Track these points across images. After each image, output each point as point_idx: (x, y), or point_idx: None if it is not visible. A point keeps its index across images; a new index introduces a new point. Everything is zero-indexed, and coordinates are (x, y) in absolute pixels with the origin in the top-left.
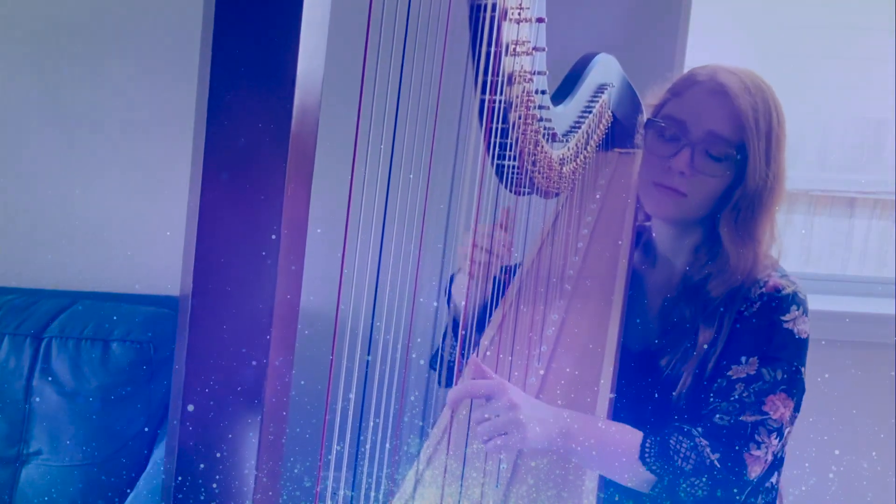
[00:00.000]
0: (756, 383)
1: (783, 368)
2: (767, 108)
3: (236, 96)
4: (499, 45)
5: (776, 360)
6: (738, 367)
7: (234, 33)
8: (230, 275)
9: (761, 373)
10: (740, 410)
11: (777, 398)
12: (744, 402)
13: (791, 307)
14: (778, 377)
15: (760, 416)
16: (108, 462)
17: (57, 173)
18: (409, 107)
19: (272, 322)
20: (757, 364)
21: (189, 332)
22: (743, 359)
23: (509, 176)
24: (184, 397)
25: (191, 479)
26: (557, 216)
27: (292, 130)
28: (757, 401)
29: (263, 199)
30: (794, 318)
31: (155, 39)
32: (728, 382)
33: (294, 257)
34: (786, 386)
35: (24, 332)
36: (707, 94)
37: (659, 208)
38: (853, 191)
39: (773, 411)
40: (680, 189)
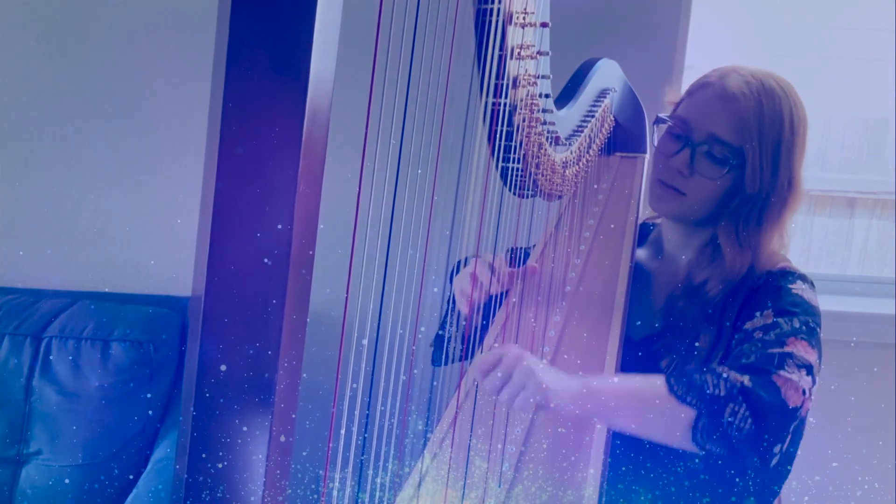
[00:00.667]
0: (775, 329)
1: (800, 319)
2: (778, 115)
3: (250, 95)
4: (504, 49)
5: (791, 313)
6: (753, 321)
7: (249, 33)
8: (243, 273)
9: (778, 322)
10: (763, 347)
11: (798, 342)
12: (766, 341)
13: (797, 280)
14: (796, 325)
15: (785, 349)
16: (108, 462)
17: (57, 173)
18: (416, 108)
19: (283, 320)
20: (772, 315)
21: (202, 331)
22: (757, 313)
23: (513, 178)
24: (195, 395)
25: (201, 476)
26: (560, 219)
27: (304, 131)
28: (778, 340)
29: (275, 197)
30: (802, 288)
31: (166, 39)
32: (745, 334)
33: (305, 257)
34: (805, 335)
35: (24, 332)
36: (714, 97)
37: (659, 205)
38: (853, 191)
39: (794, 350)
40: (679, 188)
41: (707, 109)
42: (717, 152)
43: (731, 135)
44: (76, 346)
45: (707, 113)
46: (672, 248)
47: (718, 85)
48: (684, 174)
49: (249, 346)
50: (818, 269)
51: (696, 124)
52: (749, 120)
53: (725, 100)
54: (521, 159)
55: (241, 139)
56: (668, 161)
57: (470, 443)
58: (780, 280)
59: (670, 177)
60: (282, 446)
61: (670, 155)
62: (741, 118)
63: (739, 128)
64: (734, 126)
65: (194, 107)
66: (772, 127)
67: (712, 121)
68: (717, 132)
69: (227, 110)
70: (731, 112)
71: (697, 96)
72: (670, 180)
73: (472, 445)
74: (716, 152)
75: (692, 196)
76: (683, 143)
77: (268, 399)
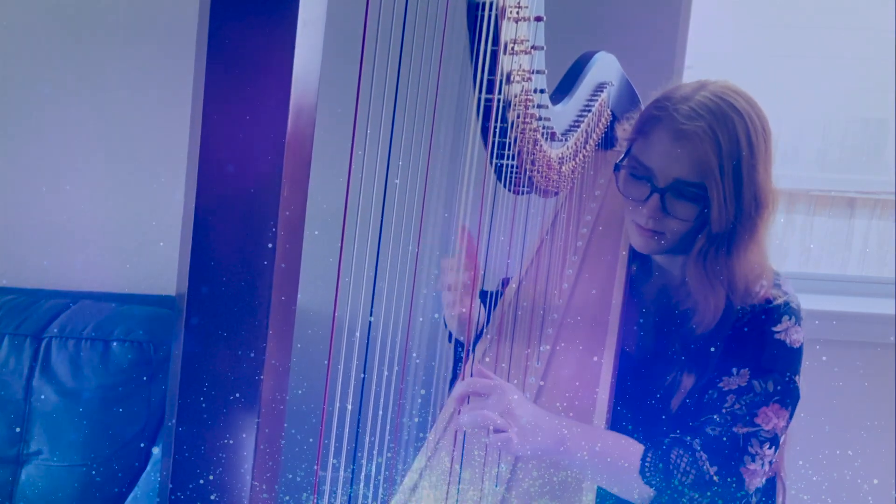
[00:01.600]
0: (747, 395)
1: (775, 379)
2: (734, 141)
3: (232, 94)
4: (497, 44)
5: (768, 371)
6: (728, 379)
7: (230, 32)
8: (226, 276)
9: (752, 385)
10: (732, 422)
11: (770, 410)
12: (735, 414)
13: (782, 318)
14: (770, 389)
15: (753, 427)
16: (108, 462)
17: (57, 173)
18: (407, 106)
19: (269, 324)
20: (748, 376)
21: (185, 334)
22: (734, 370)
23: (508, 175)
24: (180, 399)
25: (188, 480)
26: (556, 215)
27: (288, 130)
28: (749, 412)
29: (260, 199)
30: (786, 328)
31: (152, 39)
32: (719, 394)
33: (291, 258)
34: (779, 397)
35: (24, 332)
36: (669, 140)
37: (643, 247)
38: (853, 191)
39: (766, 423)
40: (657, 230)
41: (665, 154)
42: (686, 193)
43: (695, 175)
44: (76, 346)
45: (666, 158)
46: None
47: (672, 125)
48: (658, 217)
49: (236, 350)
50: (818, 269)
51: (658, 170)
52: (708, 159)
53: (683, 140)
54: (516, 156)
55: (224, 137)
56: (639, 207)
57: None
58: (763, 323)
59: (645, 221)
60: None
61: (640, 200)
62: (699, 156)
63: (700, 166)
64: (696, 166)
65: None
66: (730, 155)
67: (673, 165)
68: (682, 175)
69: (208, 111)
70: (689, 151)
71: (653, 139)
72: (646, 224)
73: (468, 446)
74: (684, 193)
75: (670, 233)
76: (650, 187)
77: (255, 403)
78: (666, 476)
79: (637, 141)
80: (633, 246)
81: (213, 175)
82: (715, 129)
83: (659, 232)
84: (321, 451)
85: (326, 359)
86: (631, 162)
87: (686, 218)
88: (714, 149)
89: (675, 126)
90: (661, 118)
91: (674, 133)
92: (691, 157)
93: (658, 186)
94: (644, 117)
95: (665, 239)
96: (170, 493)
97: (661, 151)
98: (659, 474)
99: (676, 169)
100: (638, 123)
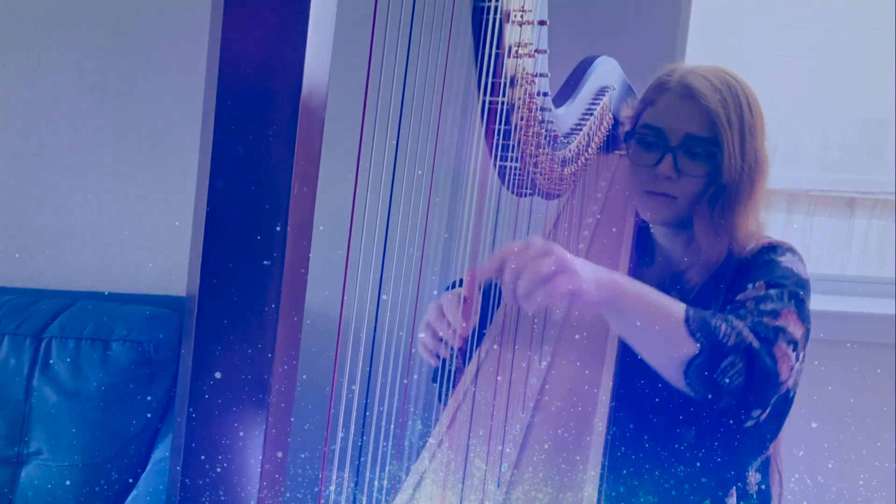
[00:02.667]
0: (766, 301)
1: (790, 292)
2: (737, 102)
3: (243, 95)
4: (501, 48)
5: (781, 284)
6: (745, 293)
7: (242, 32)
8: (237, 274)
9: (770, 294)
10: (758, 315)
11: (790, 315)
12: (760, 311)
13: (787, 253)
14: (786, 298)
15: (778, 322)
16: (108, 462)
17: (57, 173)
18: (412, 108)
19: (278, 321)
20: (764, 287)
21: (195, 332)
22: (749, 286)
23: (511, 177)
24: (190, 396)
25: (197, 478)
26: (558, 217)
27: (299, 130)
28: (771, 312)
29: (270, 198)
30: (792, 260)
31: (158, 38)
32: (738, 304)
33: (300, 256)
34: (796, 309)
35: (24, 332)
36: (678, 99)
37: (655, 214)
38: (853, 191)
39: (787, 325)
40: (670, 193)
41: (676, 112)
42: (698, 149)
43: (705, 129)
44: (76, 346)
45: (677, 115)
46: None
47: (679, 86)
48: (672, 178)
49: (245, 348)
50: (818, 269)
51: (669, 129)
52: (717, 110)
53: (692, 98)
54: (519, 158)
55: (235, 139)
56: (652, 171)
57: (469, 444)
58: (769, 253)
59: (658, 185)
60: (279, 448)
61: (652, 164)
62: (710, 111)
63: (711, 120)
64: (706, 120)
65: (195, 107)
66: (736, 112)
67: (685, 121)
68: (693, 130)
69: (220, 110)
70: (700, 108)
71: (661, 102)
72: (659, 188)
73: (470, 446)
74: (697, 149)
75: (683, 197)
76: (661, 150)
77: (264, 400)
78: (708, 331)
79: (645, 111)
80: (646, 217)
81: (225, 175)
82: (720, 89)
83: (671, 196)
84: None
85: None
86: (642, 129)
87: (699, 175)
88: (722, 103)
89: (682, 90)
90: (668, 85)
91: (682, 92)
92: (702, 113)
93: (670, 146)
94: (650, 89)
95: (677, 204)
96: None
97: (672, 110)
98: (702, 329)
99: (688, 124)
100: (645, 95)
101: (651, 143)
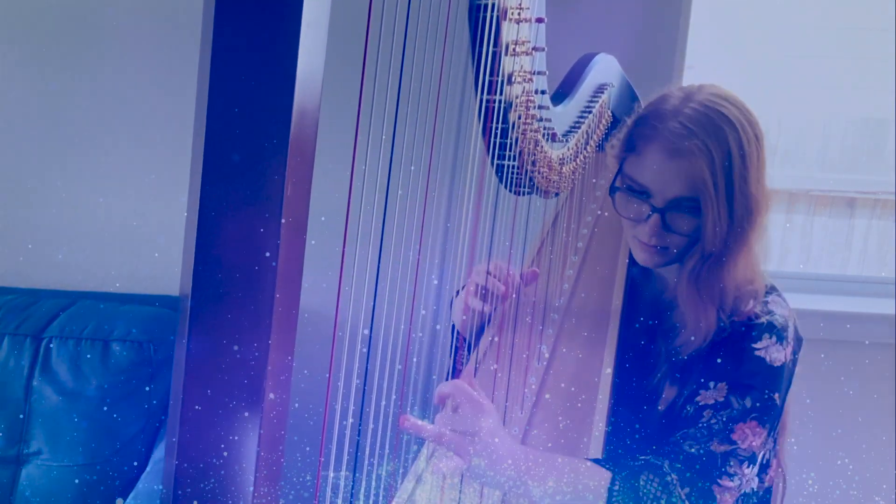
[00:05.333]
0: (724, 411)
1: (753, 396)
2: (725, 155)
3: (236, 96)
4: (499, 45)
5: (747, 387)
6: (706, 393)
7: (234, 33)
8: (230, 275)
9: (729, 400)
10: (708, 438)
11: (747, 427)
12: (712, 430)
13: (763, 335)
14: (748, 405)
15: (730, 445)
16: (108, 462)
17: (57, 173)
18: (409, 107)
19: (272, 322)
20: (726, 391)
21: (189, 332)
22: (711, 384)
23: (509, 176)
24: (184, 397)
25: (191, 479)
26: (557, 216)
27: (292, 130)
28: (725, 429)
29: (263, 198)
30: (766, 346)
31: (155, 39)
32: (696, 409)
33: (294, 257)
34: (757, 414)
35: (24, 332)
36: (664, 159)
37: (648, 262)
38: (853, 191)
39: (742, 441)
40: (660, 245)
41: (661, 173)
42: (685, 208)
43: (691, 189)
44: (76, 346)
45: (662, 177)
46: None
47: (666, 144)
48: (661, 234)
49: (239, 347)
50: (818, 269)
51: (654, 191)
52: (703, 172)
53: (676, 158)
54: (517, 156)
55: (228, 138)
56: (641, 225)
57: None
58: (743, 338)
59: (648, 238)
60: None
61: (640, 220)
62: (695, 173)
63: (696, 182)
64: (691, 182)
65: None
66: (723, 168)
67: (670, 184)
68: (679, 193)
69: (212, 109)
70: (684, 169)
71: (646, 157)
72: (649, 241)
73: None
74: (684, 209)
75: (675, 246)
76: (649, 206)
77: (258, 399)
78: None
79: (628, 159)
80: (638, 260)
81: (218, 175)
82: (708, 145)
83: (663, 247)
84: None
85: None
86: (626, 181)
87: (688, 231)
88: (708, 164)
89: (667, 144)
90: (652, 136)
91: (667, 152)
92: (687, 174)
93: (657, 206)
94: (633, 134)
95: (668, 252)
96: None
97: (657, 171)
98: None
99: (674, 188)
100: (626, 140)
101: (636, 194)
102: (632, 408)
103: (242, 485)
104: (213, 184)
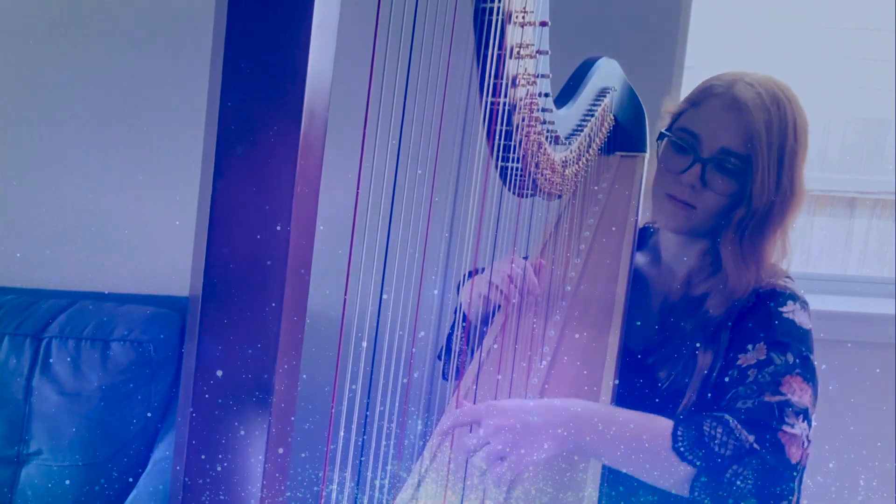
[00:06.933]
0: (768, 367)
1: (793, 352)
2: (783, 123)
3: (247, 97)
4: (503, 48)
5: (784, 344)
6: (745, 356)
7: (246, 33)
8: (240, 275)
9: (771, 357)
10: (759, 392)
11: (793, 380)
12: (760, 384)
13: (788, 301)
14: (789, 360)
15: (781, 396)
16: (108, 462)
17: (57, 173)
18: (415, 108)
19: (281, 322)
20: (765, 349)
21: (199, 332)
22: (749, 346)
23: (512, 178)
24: (193, 396)
25: (199, 477)
26: (559, 218)
27: (302, 131)
28: (773, 381)
29: (273, 198)
30: (793, 310)
31: (163, 38)
32: (739, 371)
33: (302, 256)
34: (800, 370)
35: (24, 332)
36: (723, 108)
37: (670, 220)
38: (853, 191)
39: (791, 394)
40: (690, 202)
41: (717, 122)
42: (729, 165)
43: (741, 145)
44: (76, 346)
45: (717, 126)
46: (669, 258)
47: (727, 95)
48: (696, 189)
49: (248, 348)
50: (818, 269)
51: (706, 139)
52: (759, 129)
53: (737, 110)
54: (521, 159)
55: (238, 139)
56: (677, 176)
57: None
58: (769, 303)
59: (680, 191)
60: (280, 447)
61: (679, 171)
62: (752, 128)
63: (749, 137)
64: (744, 136)
65: (195, 107)
66: (779, 134)
67: (724, 134)
68: (729, 145)
69: (224, 110)
70: (742, 122)
71: (704, 108)
72: (681, 195)
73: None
74: (727, 165)
75: (702, 209)
76: (692, 157)
77: (266, 400)
78: (703, 449)
79: (686, 112)
80: (659, 221)
81: (228, 173)
82: (769, 107)
83: (691, 205)
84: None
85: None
86: (677, 131)
87: (723, 192)
88: (766, 122)
89: (730, 95)
90: (717, 90)
91: (729, 101)
92: (742, 127)
93: (702, 156)
94: (697, 90)
95: (695, 215)
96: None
97: (712, 119)
98: (694, 448)
99: (725, 137)
100: (691, 95)
101: (683, 148)
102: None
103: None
104: (223, 185)
